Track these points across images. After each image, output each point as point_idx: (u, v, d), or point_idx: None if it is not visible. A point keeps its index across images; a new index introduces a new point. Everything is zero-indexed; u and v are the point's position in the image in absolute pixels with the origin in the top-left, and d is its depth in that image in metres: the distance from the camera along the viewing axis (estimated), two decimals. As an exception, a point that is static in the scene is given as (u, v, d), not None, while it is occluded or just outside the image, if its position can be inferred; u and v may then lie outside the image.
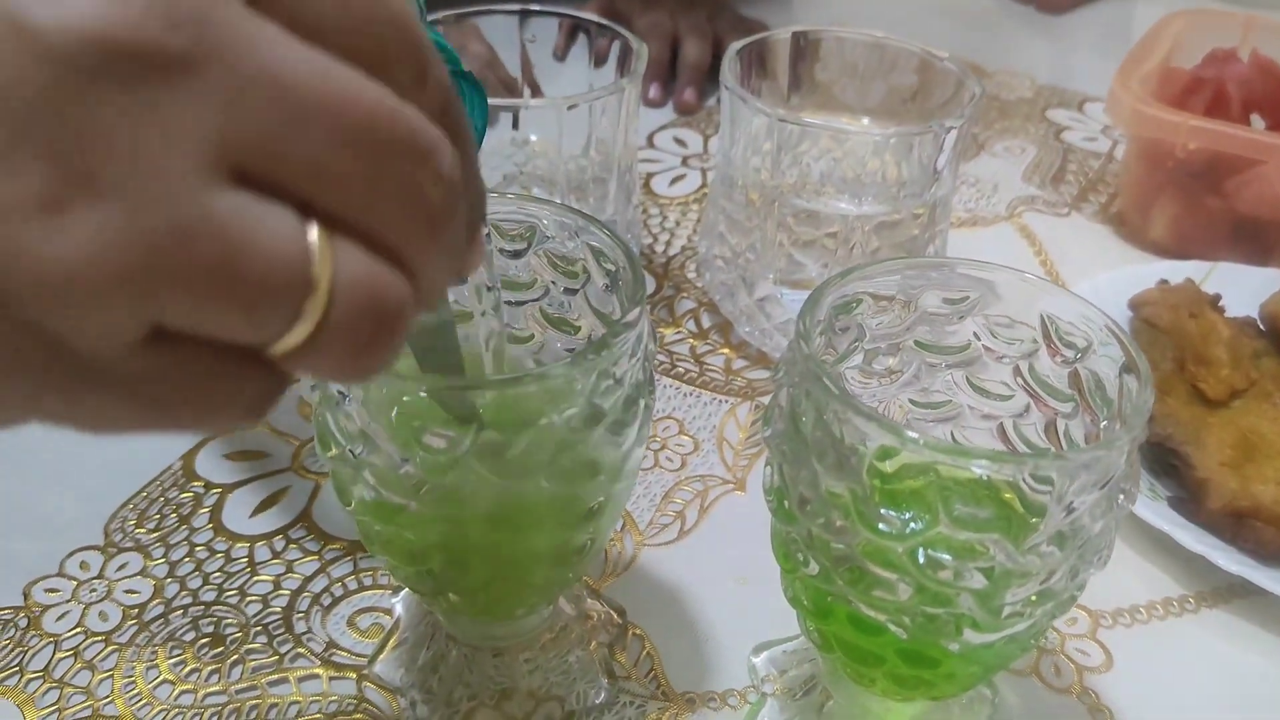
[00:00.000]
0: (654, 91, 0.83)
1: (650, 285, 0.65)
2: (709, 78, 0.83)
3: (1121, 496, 0.33)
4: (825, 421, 0.33)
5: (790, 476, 0.35)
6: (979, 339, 0.39)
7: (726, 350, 0.61)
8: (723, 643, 0.45)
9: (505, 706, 0.42)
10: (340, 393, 0.33)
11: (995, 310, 0.39)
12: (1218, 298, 0.60)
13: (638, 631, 0.46)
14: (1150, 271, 0.63)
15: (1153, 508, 0.50)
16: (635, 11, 0.86)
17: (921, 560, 0.32)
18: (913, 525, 0.33)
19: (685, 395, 0.58)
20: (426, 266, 0.21)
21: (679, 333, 0.62)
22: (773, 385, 0.36)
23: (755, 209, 0.56)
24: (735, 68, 0.56)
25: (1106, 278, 0.63)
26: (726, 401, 0.57)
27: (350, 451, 0.34)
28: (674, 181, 0.75)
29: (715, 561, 0.49)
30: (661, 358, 0.60)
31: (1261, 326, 0.59)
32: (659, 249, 0.68)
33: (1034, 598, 0.33)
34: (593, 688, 0.43)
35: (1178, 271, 0.63)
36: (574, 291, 0.39)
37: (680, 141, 0.79)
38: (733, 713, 0.43)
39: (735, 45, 0.57)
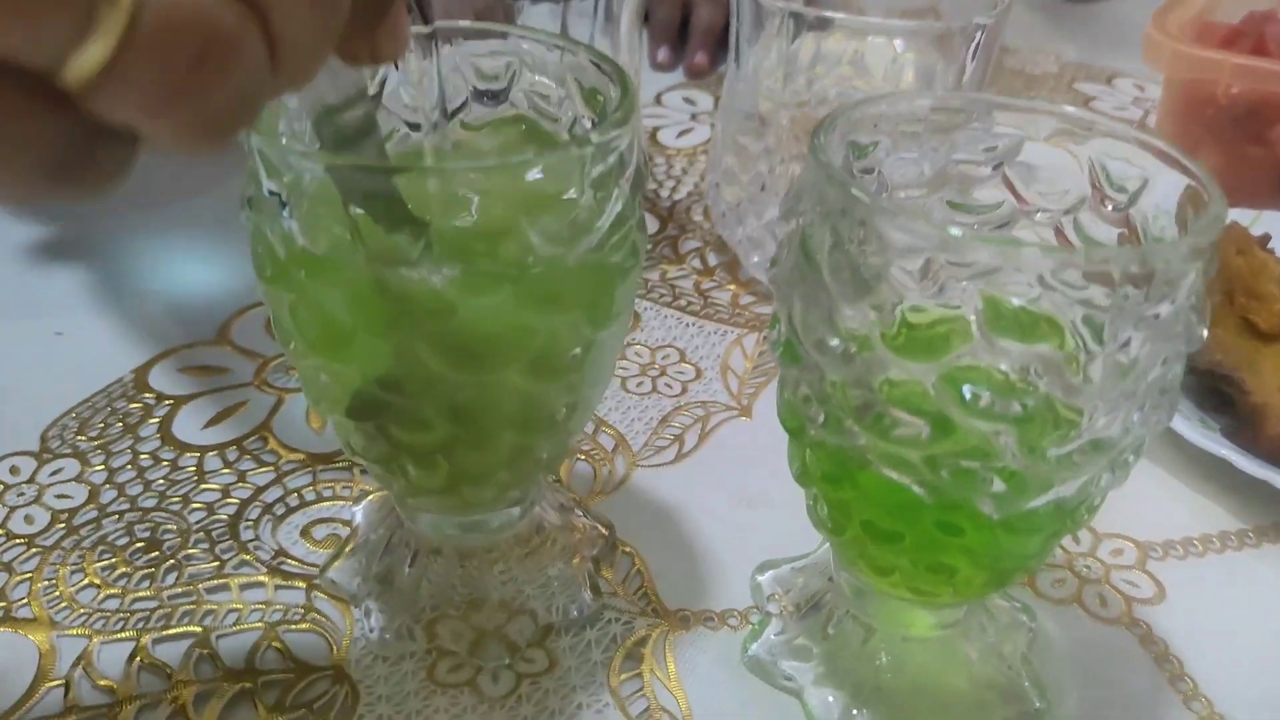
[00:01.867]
0: (663, 54, 0.79)
1: (654, 226, 0.61)
2: (720, 42, 0.79)
3: (1182, 337, 0.28)
4: (843, 243, 0.28)
5: (801, 319, 0.30)
6: (1016, 193, 0.34)
7: (733, 286, 0.56)
8: (722, 562, 0.40)
9: (473, 618, 0.37)
10: (277, 196, 0.28)
11: (1033, 159, 0.34)
12: (1267, 238, 0.55)
13: (627, 549, 0.41)
14: (1192, 216, 0.59)
15: (1208, 437, 0.45)
16: (645, -23, 0.83)
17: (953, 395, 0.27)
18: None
19: (687, 325, 0.53)
20: (286, 16, 0.18)
21: (682, 269, 0.57)
22: (781, 222, 0.32)
23: (765, 125, 0.52)
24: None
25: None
26: (732, 331, 0.53)
27: (291, 269, 0.29)
28: (682, 134, 0.71)
29: (716, 484, 0.44)
30: (663, 290, 0.55)
31: (1315, 265, 0.54)
32: (664, 194, 0.64)
33: (1086, 447, 0.28)
34: (574, 603, 0.38)
35: (1221, 217, 0.58)
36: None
37: (689, 100, 0.76)
38: (732, 633, 0.38)
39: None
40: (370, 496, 0.41)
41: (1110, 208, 0.33)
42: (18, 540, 0.39)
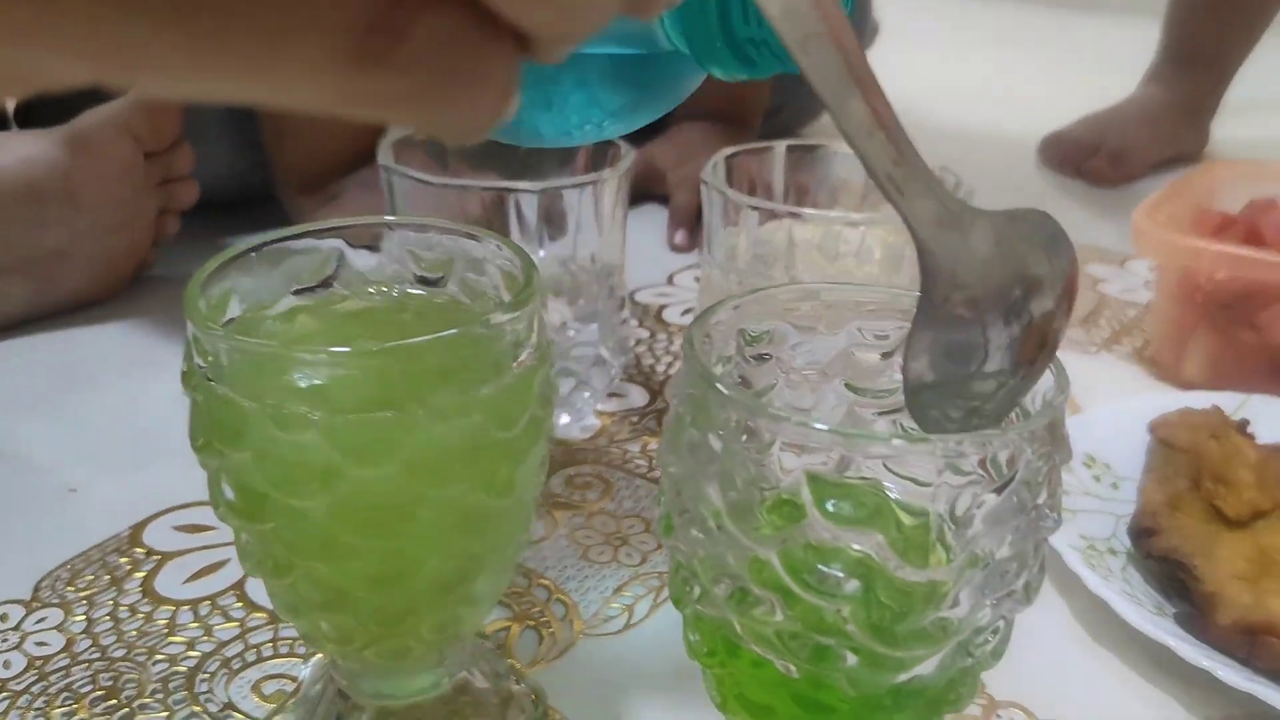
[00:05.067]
0: (680, 237, 0.83)
1: (644, 399, 0.63)
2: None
3: (1036, 516, 0.29)
4: (698, 425, 0.30)
5: (671, 494, 0.32)
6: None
7: (711, 460, 0.58)
8: (650, 734, 0.41)
9: (394, 778, 0.38)
10: (203, 371, 0.32)
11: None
12: (1245, 423, 0.55)
13: (558, 717, 0.42)
14: (1176, 400, 0.59)
15: (1157, 623, 0.44)
16: (670, 165, 0.88)
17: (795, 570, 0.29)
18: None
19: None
20: None
21: (665, 442, 0.59)
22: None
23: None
24: (720, 173, 0.56)
25: (1129, 404, 0.59)
26: (701, 504, 0.54)
27: (214, 440, 0.32)
28: (686, 312, 0.74)
29: (660, 655, 0.45)
30: (640, 462, 0.57)
31: (1294, 452, 0.54)
32: (660, 369, 0.67)
33: (932, 627, 0.29)
34: (495, 767, 0.39)
35: (1207, 401, 0.58)
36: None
37: (699, 280, 0.79)
38: (646, 805, 0.38)
39: (724, 151, 0.57)
40: (319, 654, 0.44)
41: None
42: (-8, 684, 0.42)
